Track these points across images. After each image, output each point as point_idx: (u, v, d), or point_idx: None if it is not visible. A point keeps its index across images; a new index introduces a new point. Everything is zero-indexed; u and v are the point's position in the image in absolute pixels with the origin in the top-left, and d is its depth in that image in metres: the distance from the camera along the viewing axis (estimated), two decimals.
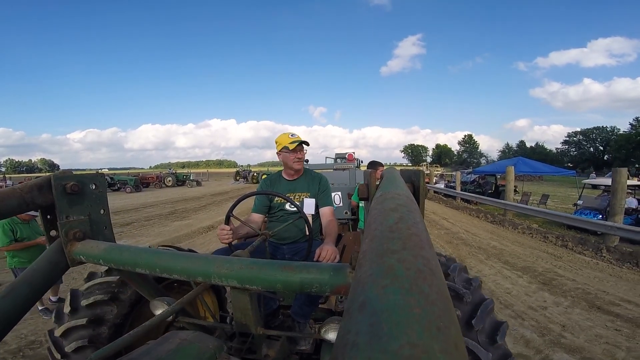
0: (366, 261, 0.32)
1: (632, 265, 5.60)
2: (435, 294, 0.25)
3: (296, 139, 2.06)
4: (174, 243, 7.14)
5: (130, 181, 22.60)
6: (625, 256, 6.01)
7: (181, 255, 1.14)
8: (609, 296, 4.24)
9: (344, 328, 0.23)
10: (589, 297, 4.22)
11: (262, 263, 1.01)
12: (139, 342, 0.97)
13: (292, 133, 2.12)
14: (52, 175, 1.17)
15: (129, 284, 1.57)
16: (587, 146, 74.77)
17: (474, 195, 13.97)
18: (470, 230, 8.66)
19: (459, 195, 14.96)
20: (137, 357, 0.76)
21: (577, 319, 3.62)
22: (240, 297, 1.13)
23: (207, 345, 0.84)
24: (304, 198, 2.11)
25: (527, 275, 5.08)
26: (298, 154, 2.07)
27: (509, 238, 7.76)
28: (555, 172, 13.64)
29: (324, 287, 0.90)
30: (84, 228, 1.23)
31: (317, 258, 1.56)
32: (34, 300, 1.11)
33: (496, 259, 5.98)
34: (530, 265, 5.57)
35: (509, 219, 10.06)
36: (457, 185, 16.02)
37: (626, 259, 5.91)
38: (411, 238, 0.36)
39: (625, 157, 57.62)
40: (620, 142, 60.22)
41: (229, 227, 1.71)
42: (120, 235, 8.23)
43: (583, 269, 5.42)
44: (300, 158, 2.09)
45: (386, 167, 2.22)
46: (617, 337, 3.23)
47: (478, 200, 13.46)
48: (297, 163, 2.09)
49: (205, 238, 7.75)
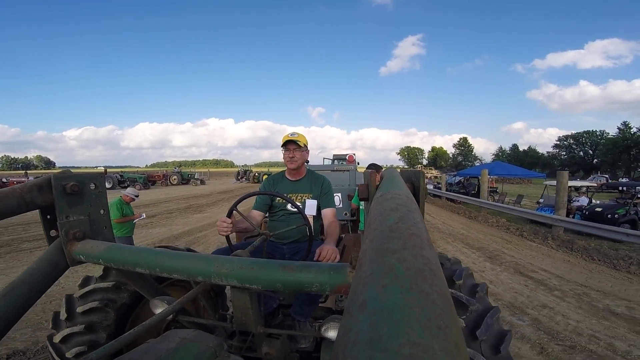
0: (366, 261, 0.33)
1: (567, 249, 7.16)
2: (435, 293, 0.25)
3: (292, 138, 2.03)
4: (201, 230, 8.65)
5: (140, 179, 24.06)
6: (564, 243, 7.59)
7: (181, 255, 1.14)
8: (532, 267, 5.79)
9: (345, 327, 0.23)
10: (517, 266, 5.78)
11: (263, 263, 1.02)
12: (140, 341, 0.95)
13: (293, 132, 2.09)
14: (52, 176, 1.17)
15: (124, 288, 1.61)
16: (577, 150, 76.23)
17: (457, 195, 15.60)
18: (447, 222, 10.24)
19: (444, 195, 16.56)
20: (137, 355, 0.77)
21: (502, 278, 5.17)
22: (240, 296, 1.14)
23: (207, 344, 0.84)
24: (306, 199, 2.10)
25: (479, 252, 6.67)
26: (289, 153, 2.04)
27: (477, 229, 9.34)
28: (528, 174, 15.29)
29: (324, 287, 0.91)
30: (83, 228, 1.23)
31: (317, 258, 1.56)
32: (33, 300, 1.11)
33: (460, 242, 7.56)
34: (484, 246, 7.15)
35: (483, 214, 11.64)
36: (442, 186, 17.65)
37: (564, 245, 7.48)
38: (411, 238, 0.36)
39: (612, 160, 59.13)
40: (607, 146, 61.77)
41: (229, 220, 1.70)
42: (151, 224, 9.66)
43: (524, 250, 6.99)
44: (292, 157, 2.04)
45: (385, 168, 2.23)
46: (523, 289, 4.76)
47: (460, 200, 15.07)
48: (290, 162, 2.06)
49: None
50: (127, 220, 4.68)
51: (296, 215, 2.00)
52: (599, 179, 29.01)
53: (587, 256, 6.47)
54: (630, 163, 56.84)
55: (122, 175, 24.85)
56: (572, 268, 5.78)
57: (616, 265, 5.82)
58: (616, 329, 3.50)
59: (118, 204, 4.62)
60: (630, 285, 4.89)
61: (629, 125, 60.18)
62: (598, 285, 4.84)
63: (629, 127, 59.70)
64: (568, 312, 3.94)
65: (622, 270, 5.61)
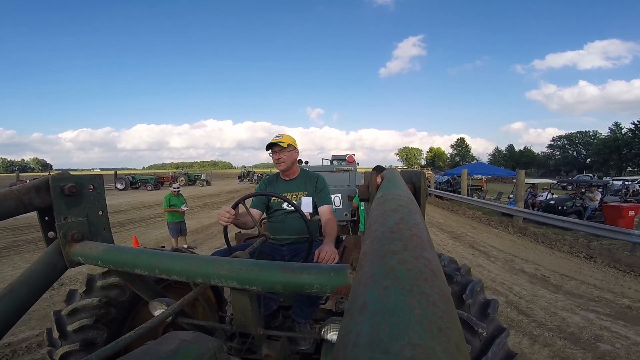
0: (367, 262, 0.32)
1: (520, 234, 8.90)
2: (436, 294, 0.25)
3: (274, 140, 2.04)
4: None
5: (151, 180, 25.67)
6: (520, 229, 9.35)
7: (180, 256, 1.14)
8: (484, 244, 7.54)
9: (345, 329, 0.23)
10: (472, 243, 7.54)
11: (262, 264, 1.02)
12: (139, 343, 0.97)
13: (278, 134, 2.10)
14: (50, 177, 1.17)
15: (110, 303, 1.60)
16: (571, 150, 77.64)
17: (443, 192, 17.37)
18: (429, 214, 12.01)
19: (433, 192, 18.36)
20: (136, 357, 0.77)
21: (458, 250, 6.94)
22: (240, 298, 1.14)
23: (207, 346, 0.84)
24: (301, 197, 2.12)
25: (448, 234, 8.47)
26: (275, 155, 2.05)
27: (453, 219, 11.13)
28: (504, 173, 17.13)
29: (325, 288, 0.91)
30: (82, 229, 1.23)
31: (316, 259, 1.58)
32: (32, 302, 1.11)
33: (436, 228, 9.35)
34: (453, 230, 8.96)
35: (462, 209, 13.41)
36: (431, 184, 19.46)
37: (520, 231, 9.24)
38: (412, 239, 0.36)
39: (603, 160, 60.36)
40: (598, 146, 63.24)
41: (233, 212, 1.71)
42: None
43: (484, 234, 8.75)
44: (278, 159, 2.05)
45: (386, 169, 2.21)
46: (470, 256, 6.51)
47: (446, 196, 16.85)
48: (278, 164, 2.08)
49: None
50: (173, 210, 6.38)
51: (294, 214, 2.03)
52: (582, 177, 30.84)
53: (534, 239, 8.20)
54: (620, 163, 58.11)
55: (133, 177, 26.48)
56: (514, 245, 7.53)
57: (552, 246, 7.50)
58: (519, 280, 5.20)
59: (167, 197, 6.36)
60: (549, 257, 6.62)
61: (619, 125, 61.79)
62: (525, 256, 6.57)
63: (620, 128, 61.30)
64: (494, 269, 5.69)
65: (554, 249, 7.29)
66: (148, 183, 25.24)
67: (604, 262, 6.17)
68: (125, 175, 26.25)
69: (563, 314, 3.93)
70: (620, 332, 3.50)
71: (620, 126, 61.02)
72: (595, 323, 3.71)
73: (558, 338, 3.40)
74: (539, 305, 4.17)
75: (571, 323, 3.70)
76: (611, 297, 4.45)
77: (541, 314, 3.94)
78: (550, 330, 3.55)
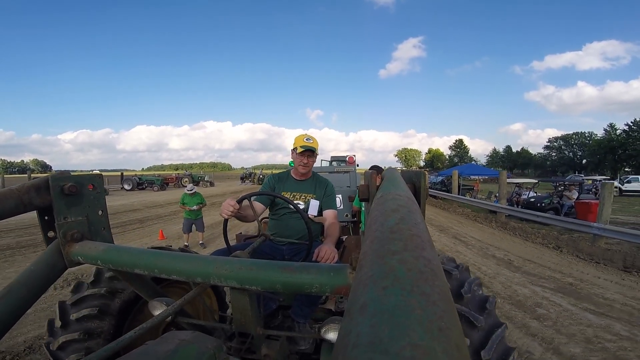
0: (367, 262, 0.32)
1: (502, 228, 9.84)
2: (436, 294, 0.25)
3: (308, 145, 2.07)
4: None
5: (157, 181, 26.50)
6: (502, 224, 10.30)
7: (180, 256, 1.13)
8: (466, 235, 8.52)
9: (345, 329, 0.23)
10: (457, 234, 8.52)
11: (262, 264, 1.02)
12: (138, 342, 0.96)
13: (309, 137, 2.13)
14: (50, 176, 1.17)
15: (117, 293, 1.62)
16: (567, 151, 78.09)
17: (437, 192, 18.35)
18: None
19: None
20: (135, 357, 0.77)
21: (442, 240, 7.90)
22: (239, 298, 1.15)
23: (206, 346, 0.84)
24: (310, 199, 2.16)
25: (435, 227, 9.46)
26: (304, 159, 2.11)
27: (443, 215, 12.11)
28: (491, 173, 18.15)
29: (324, 288, 0.91)
30: (82, 229, 1.22)
31: (315, 258, 1.59)
32: (31, 302, 1.11)
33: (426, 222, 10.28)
34: (441, 224, 9.95)
35: (453, 207, 14.38)
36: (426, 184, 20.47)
37: (502, 226, 10.19)
38: (412, 239, 0.36)
39: (598, 161, 61.26)
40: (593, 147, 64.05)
41: (238, 206, 1.72)
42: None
43: (468, 227, 9.73)
44: (307, 164, 2.12)
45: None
46: (451, 245, 7.47)
47: (440, 196, 17.83)
48: (302, 167, 2.13)
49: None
50: (186, 209, 7.27)
51: (297, 215, 2.02)
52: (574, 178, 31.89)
53: (512, 232, 9.15)
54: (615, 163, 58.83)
55: (140, 178, 27.19)
56: (492, 237, 8.50)
57: (527, 238, 8.41)
58: (488, 262, 6.17)
59: (182, 196, 7.28)
60: (520, 246, 7.57)
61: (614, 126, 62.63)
62: (499, 246, 7.53)
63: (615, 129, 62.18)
64: (469, 254, 6.66)
65: (528, 240, 8.21)
66: (154, 184, 25.98)
67: (569, 251, 7.13)
68: (133, 177, 26.94)
69: (516, 287, 4.90)
70: (556, 301, 4.45)
71: (614, 127, 62.01)
72: (539, 294, 4.67)
73: (507, 304, 4.36)
74: (499, 281, 5.14)
75: (520, 294, 4.66)
76: (559, 277, 5.41)
77: (499, 287, 4.91)
78: (502, 298, 4.51)
